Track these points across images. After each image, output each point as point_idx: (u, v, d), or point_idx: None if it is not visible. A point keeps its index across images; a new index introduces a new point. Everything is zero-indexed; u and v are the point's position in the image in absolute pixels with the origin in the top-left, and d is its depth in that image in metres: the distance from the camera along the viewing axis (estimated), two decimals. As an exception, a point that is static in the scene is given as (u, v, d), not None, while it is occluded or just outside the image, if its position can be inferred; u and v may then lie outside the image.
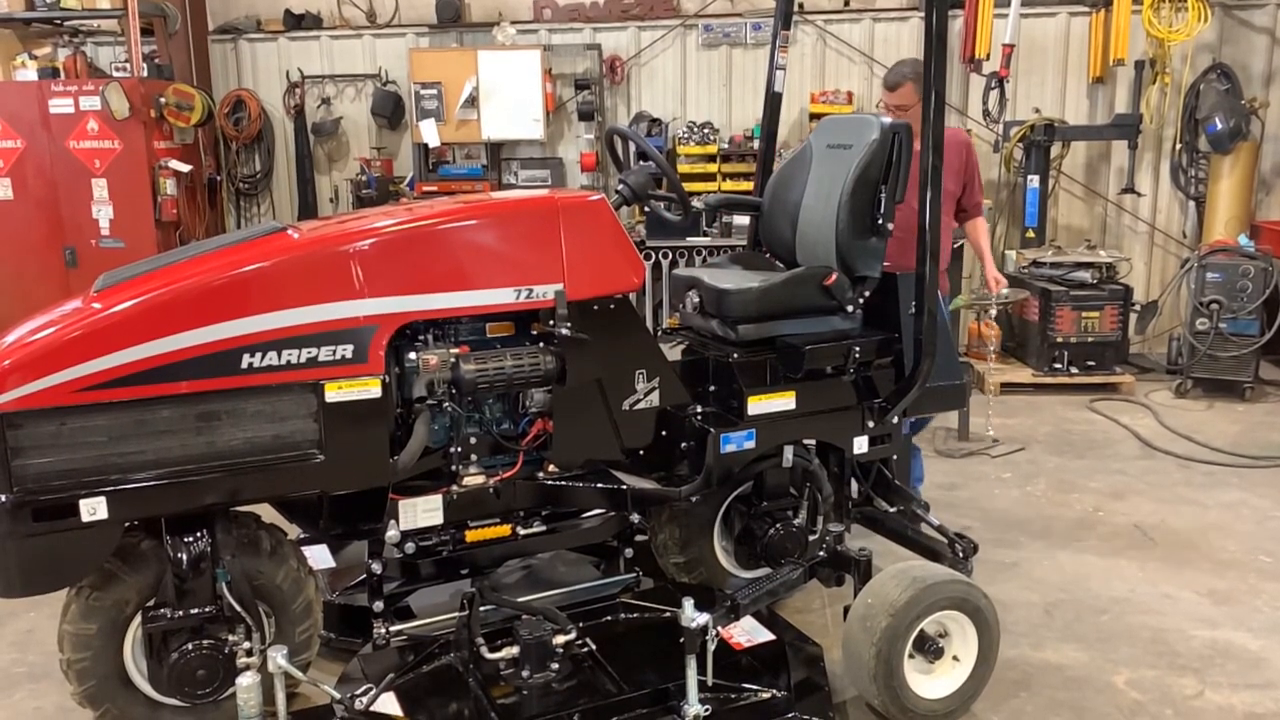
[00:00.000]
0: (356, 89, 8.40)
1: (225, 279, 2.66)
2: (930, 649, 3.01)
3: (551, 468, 3.25)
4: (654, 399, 3.26)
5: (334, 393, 2.74)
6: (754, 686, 2.93)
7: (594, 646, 3.11)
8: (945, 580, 3.02)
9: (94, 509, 2.55)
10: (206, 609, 2.78)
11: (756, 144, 7.82)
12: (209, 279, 2.65)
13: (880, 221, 3.37)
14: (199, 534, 2.77)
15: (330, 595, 3.45)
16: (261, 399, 2.70)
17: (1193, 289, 6.66)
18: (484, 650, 3.00)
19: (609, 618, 3.32)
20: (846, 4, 8.01)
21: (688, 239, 7.33)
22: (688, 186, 7.84)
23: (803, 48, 7.99)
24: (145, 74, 7.52)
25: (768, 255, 3.91)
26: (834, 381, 3.43)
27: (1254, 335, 6.47)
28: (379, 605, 3.14)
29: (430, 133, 7.78)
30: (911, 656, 2.98)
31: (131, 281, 2.71)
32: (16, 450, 2.50)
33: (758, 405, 3.31)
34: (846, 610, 3.09)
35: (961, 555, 3.42)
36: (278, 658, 2.43)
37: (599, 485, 3.27)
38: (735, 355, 3.35)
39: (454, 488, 3.06)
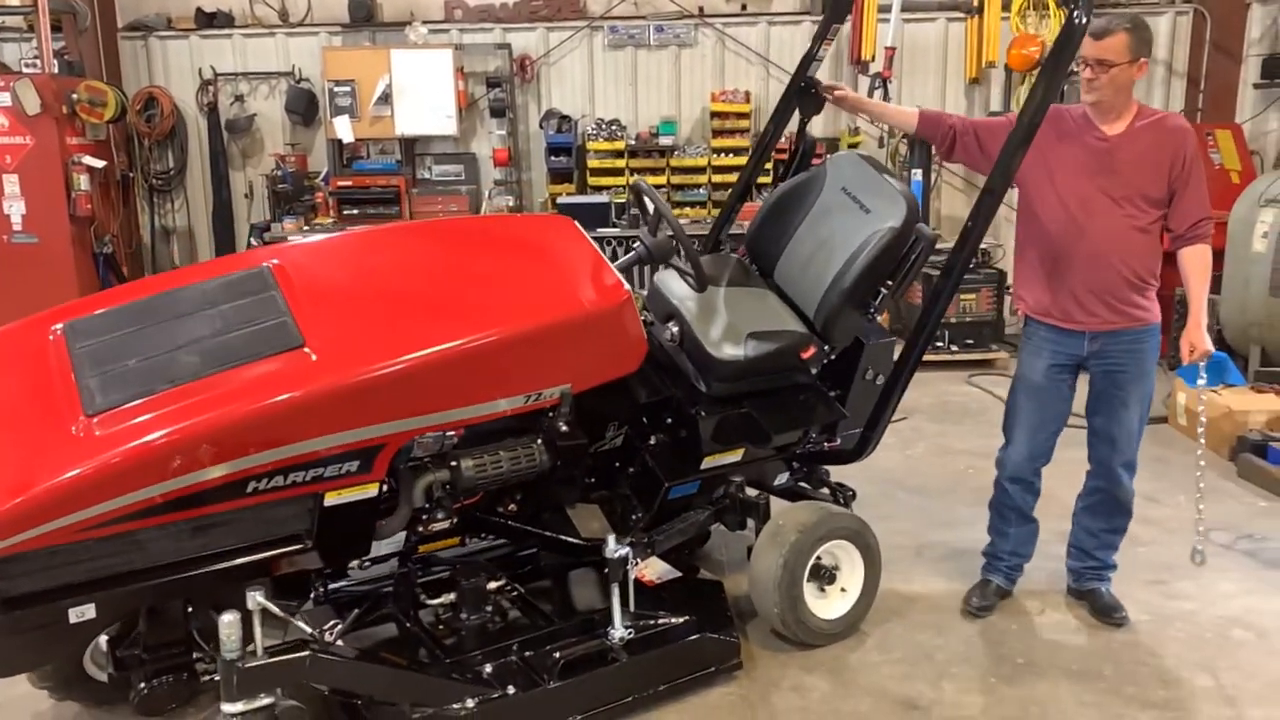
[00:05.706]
0: (270, 86, 8.54)
1: (242, 416, 2.53)
2: (825, 576, 3.48)
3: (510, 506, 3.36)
4: (618, 440, 3.42)
5: (333, 498, 2.75)
6: (668, 613, 3.34)
7: (523, 590, 3.46)
8: (846, 514, 3.54)
9: (82, 613, 2.52)
10: (177, 649, 2.85)
11: (663, 140, 8.26)
12: (224, 417, 2.52)
13: (871, 311, 3.46)
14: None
15: None
16: (260, 510, 2.68)
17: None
18: (424, 598, 3.28)
19: (529, 567, 3.61)
20: (744, 8, 8.46)
21: (597, 230, 7.63)
22: (596, 181, 8.21)
23: (704, 49, 8.42)
24: (56, 70, 7.55)
25: (745, 258, 3.88)
26: None
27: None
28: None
29: (344, 129, 7.97)
30: (809, 580, 3.42)
31: (135, 409, 2.54)
32: (2, 574, 2.41)
33: (711, 463, 3.42)
34: (749, 550, 3.51)
35: (843, 501, 3.89)
36: (257, 595, 2.56)
37: (550, 534, 3.40)
38: (703, 413, 3.36)
39: (420, 529, 3.15)
